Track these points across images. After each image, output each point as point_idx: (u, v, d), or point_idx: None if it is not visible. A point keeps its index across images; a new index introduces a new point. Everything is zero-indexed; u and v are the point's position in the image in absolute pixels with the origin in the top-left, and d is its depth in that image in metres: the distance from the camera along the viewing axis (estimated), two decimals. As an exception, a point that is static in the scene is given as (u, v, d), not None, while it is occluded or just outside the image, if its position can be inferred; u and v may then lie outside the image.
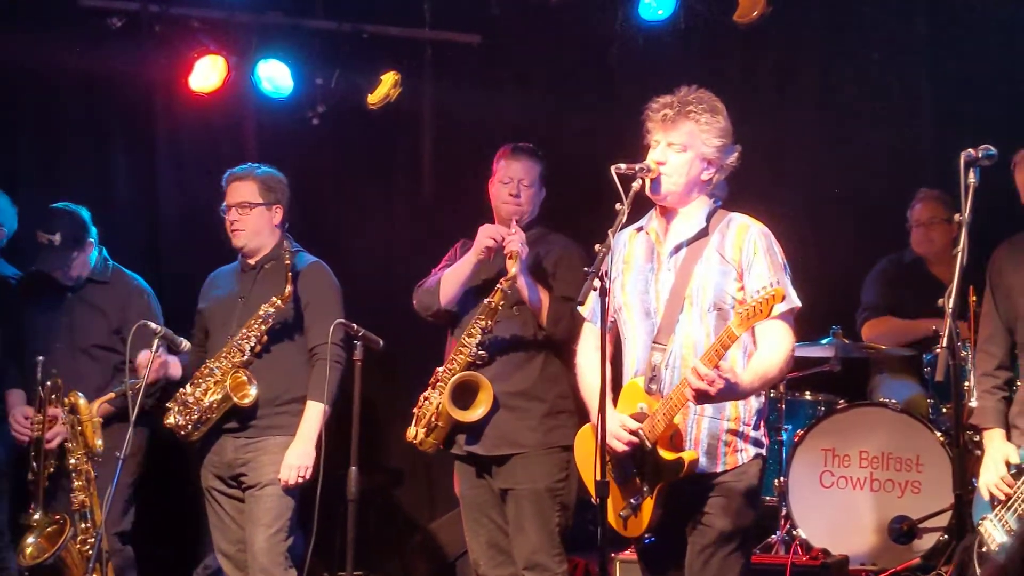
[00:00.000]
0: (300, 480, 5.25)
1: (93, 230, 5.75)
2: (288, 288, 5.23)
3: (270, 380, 5.32)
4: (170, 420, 5.32)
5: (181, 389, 5.36)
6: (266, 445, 5.32)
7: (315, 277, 5.45)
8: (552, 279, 5.27)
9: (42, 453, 5.38)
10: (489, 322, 5.14)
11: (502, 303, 5.12)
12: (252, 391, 5.23)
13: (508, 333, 5.24)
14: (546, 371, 5.25)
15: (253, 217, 5.42)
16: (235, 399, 5.21)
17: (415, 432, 5.27)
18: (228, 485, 5.40)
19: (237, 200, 5.43)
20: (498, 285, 5.11)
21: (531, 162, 5.35)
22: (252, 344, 5.27)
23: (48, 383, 5.41)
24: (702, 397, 3.80)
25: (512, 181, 5.31)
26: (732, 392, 3.83)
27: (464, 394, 5.17)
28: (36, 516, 5.34)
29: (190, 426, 5.29)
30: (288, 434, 5.31)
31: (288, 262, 5.25)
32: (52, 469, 5.41)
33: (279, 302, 5.24)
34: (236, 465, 5.34)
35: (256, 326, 5.27)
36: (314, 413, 5.28)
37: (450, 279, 5.30)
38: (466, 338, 5.17)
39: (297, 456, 5.25)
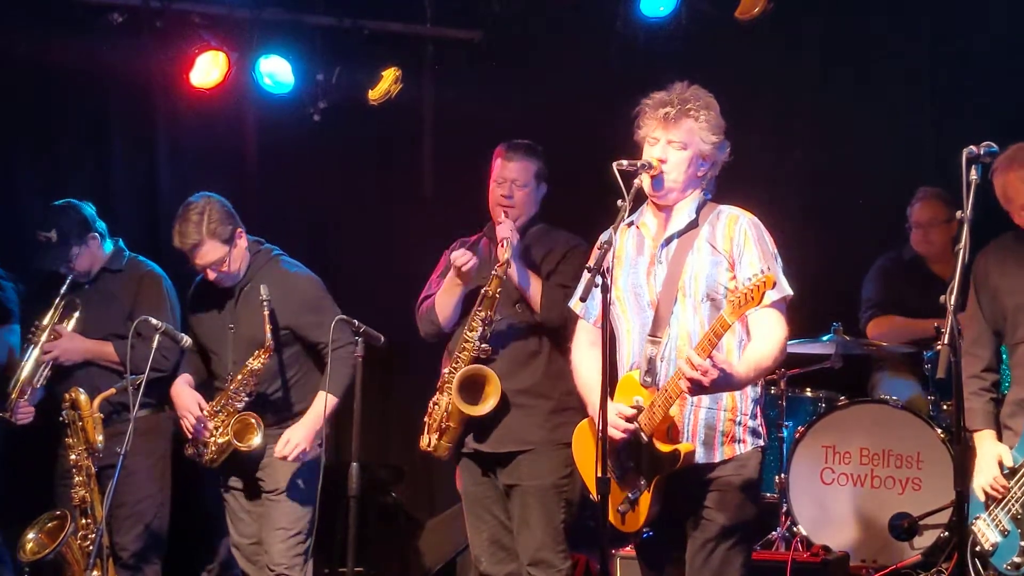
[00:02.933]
0: (295, 457, 5.26)
1: (99, 224, 5.71)
2: (269, 341, 5.21)
3: (287, 390, 5.38)
4: (189, 451, 5.40)
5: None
6: None
7: (297, 288, 5.42)
8: (553, 273, 5.27)
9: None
10: (489, 312, 5.12)
11: (499, 291, 5.11)
12: (256, 440, 5.27)
13: (511, 331, 5.23)
14: (551, 368, 5.23)
15: (229, 264, 5.36)
16: (238, 444, 5.26)
17: (428, 440, 5.26)
18: (244, 482, 5.46)
19: (209, 261, 5.33)
20: (493, 272, 5.10)
21: (525, 162, 5.30)
22: (249, 391, 5.31)
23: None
24: (697, 388, 3.80)
25: (505, 182, 5.28)
26: (727, 382, 3.84)
27: (472, 389, 5.16)
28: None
29: (206, 458, 5.35)
30: None
31: (267, 312, 5.19)
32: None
33: (263, 357, 5.25)
34: (253, 470, 5.39)
35: (249, 380, 5.29)
36: (323, 402, 5.28)
37: (442, 304, 5.27)
38: (467, 332, 5.15)
39: (298, 434, 5.27)
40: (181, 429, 5.44)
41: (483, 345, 5.13)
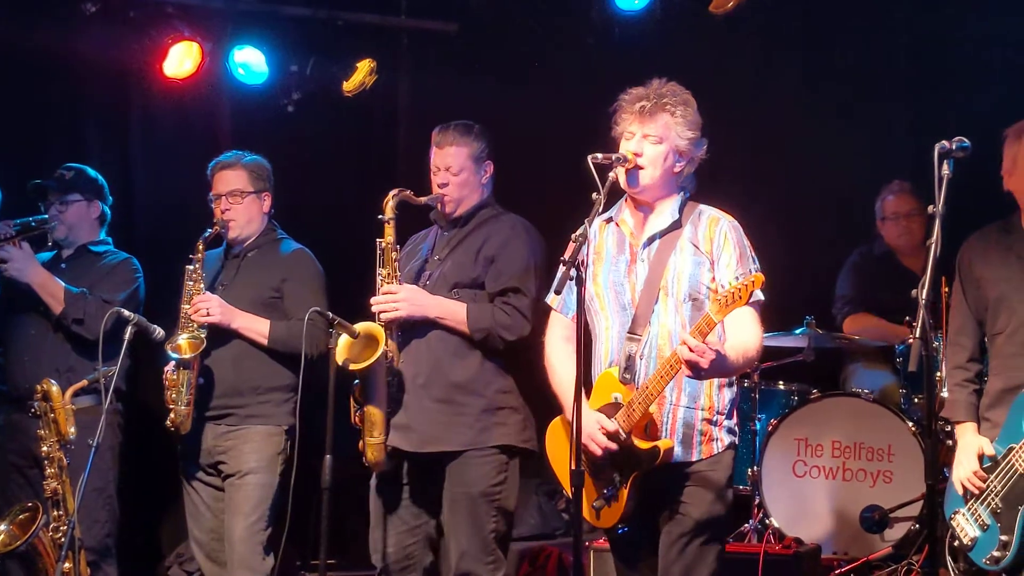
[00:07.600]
0: (198, 307, 5.23)
1: (107, 209, 5.85)
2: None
3: (251, 368, 5.32)
4: (168, 419, 5.26)
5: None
6: (247, 434, 5.30)
7: (297, 264, 5.46)
8: (492, 263, 4.95)
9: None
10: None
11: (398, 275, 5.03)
12: (182, 339, 5.22)
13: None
14: (487, 363, 4.91)
15: (245, 205, 5.45)
16: (175, 355, 5.20)
17: (361, 444, 4.97)
18: (206, 473, 5.38)
19: (228, 189, 5.43)
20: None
21: (457, 147, 5.02)
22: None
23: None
24: (695, 370, 3.82)
25: (439, 171, 5.04)
26: (722, 366, 3.87)
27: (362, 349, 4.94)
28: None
29: (175, 412, 5.23)
30: (270, 423, 5.31)
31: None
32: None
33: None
34: (215, 453, 5.32)
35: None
36: (261, 323, 5.29)
37: None
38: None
39: (221, 306, 5.24)
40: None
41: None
